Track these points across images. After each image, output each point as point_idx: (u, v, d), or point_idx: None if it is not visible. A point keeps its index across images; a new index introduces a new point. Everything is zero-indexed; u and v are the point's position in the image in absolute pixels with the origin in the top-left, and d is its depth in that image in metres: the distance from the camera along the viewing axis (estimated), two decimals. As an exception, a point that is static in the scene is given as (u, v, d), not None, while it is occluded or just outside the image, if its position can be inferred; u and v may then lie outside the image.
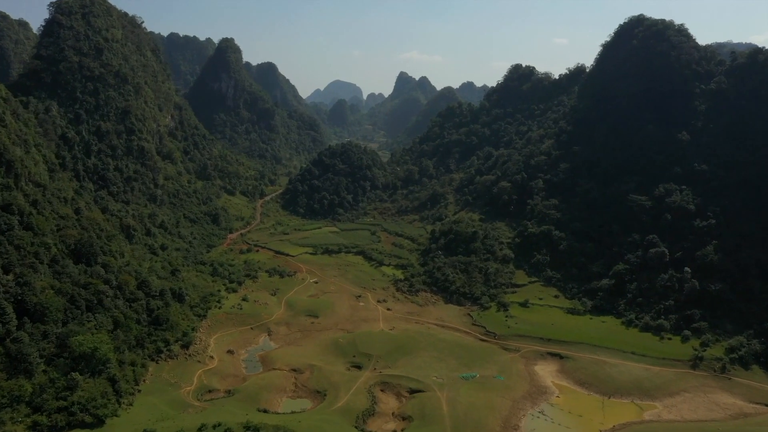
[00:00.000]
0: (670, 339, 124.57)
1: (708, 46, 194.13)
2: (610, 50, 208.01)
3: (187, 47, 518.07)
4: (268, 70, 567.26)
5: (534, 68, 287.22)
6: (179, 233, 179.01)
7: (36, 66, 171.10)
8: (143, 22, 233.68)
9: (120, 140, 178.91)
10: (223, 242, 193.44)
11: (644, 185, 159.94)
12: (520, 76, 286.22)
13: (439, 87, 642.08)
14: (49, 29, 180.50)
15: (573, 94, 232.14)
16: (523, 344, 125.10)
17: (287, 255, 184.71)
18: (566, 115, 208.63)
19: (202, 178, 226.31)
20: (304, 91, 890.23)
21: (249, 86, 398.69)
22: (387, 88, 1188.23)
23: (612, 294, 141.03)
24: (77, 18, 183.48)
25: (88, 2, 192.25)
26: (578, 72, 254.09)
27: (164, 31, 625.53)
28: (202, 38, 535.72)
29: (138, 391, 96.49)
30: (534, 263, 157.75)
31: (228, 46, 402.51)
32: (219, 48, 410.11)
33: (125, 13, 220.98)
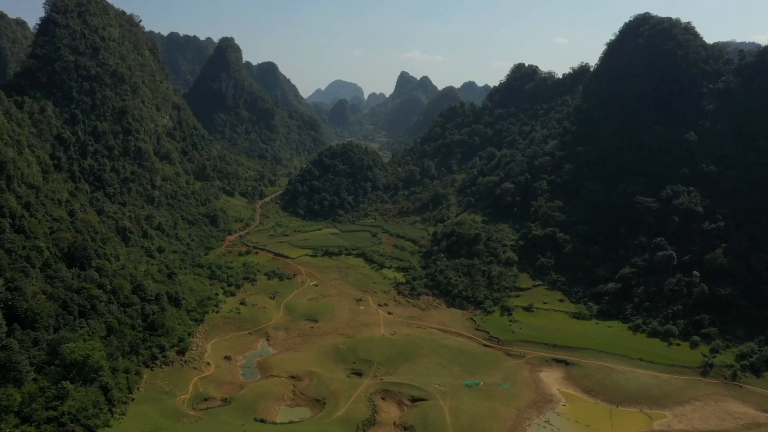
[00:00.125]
0: (679, 345, 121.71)
1: (716, 45, 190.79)
2: (615, 49, 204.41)
3: (187, 47, 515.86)
4: (269, 70, 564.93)
5: (537, 67, 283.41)
6: (177, 235, 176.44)
7: (31, 65, 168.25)
8: (141, 21, 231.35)
9: (117, 141, 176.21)
10: (222, 244, 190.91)
11: (651, 187, 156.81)
12: (523, 76, 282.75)
13: (441, 87, 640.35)
14: (45, 28, 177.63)
15: (577, 94, 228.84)
16: (528, 350, 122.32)
17: (287, 257, 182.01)
18: (570, 115, 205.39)
19: (201, 179, 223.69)
20: (305, 91, 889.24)
21: (249, 86, 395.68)
22: (388, 88, 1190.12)
23: (618, 298, 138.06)
24: (73, 16, 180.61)
25: (85, 0, 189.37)
26: (582, 71, 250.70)
27: (164, 31, 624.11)
28: (203, 38, 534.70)
29: (131, 400, 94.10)
30: (538, 266, 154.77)
31: (228, 46, 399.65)
32: (219, 47, 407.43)
33: (122, 12, 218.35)
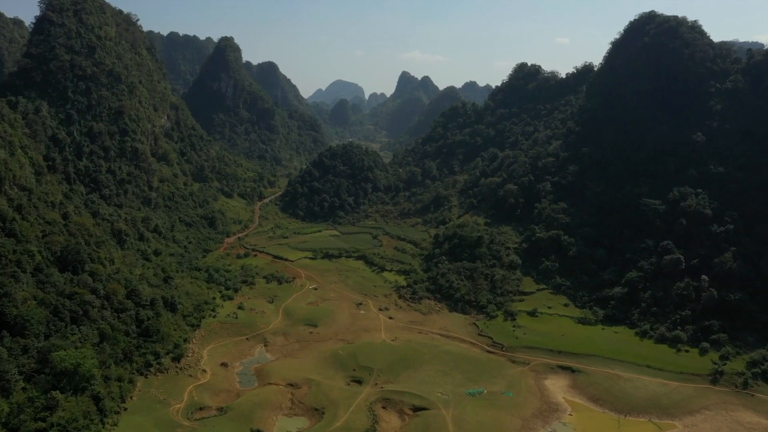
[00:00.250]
0: (688, 351, 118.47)
1: (723, 44, 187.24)
2: (620, 48, 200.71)
3: (187, 46, 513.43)
4: (269, 70, 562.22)
5: (540, 67, 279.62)
6: (174, 237, 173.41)
7: (26, 65, 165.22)
8: (138, 20, 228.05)
9: (113, 141, 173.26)
10: (220, 247, 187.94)
11: (657, 188, 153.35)
12: (526, 75, 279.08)
13: (442, 87, 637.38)
14: (40, 26, 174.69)
15: (581, 94, 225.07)
16: (532, 356, 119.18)
17: (286, 260, 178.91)
18: (574, 115, 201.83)
19: (199, 180, 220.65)
20: (306, 91, 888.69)
21: (249, 86, 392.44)
22: (389, 88, 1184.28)
23: (625, 303, 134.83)
24: (69, 15, 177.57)
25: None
26: (586, 71, 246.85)
27: (164, 31, 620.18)
28: (203, 38, 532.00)
29: (124, 410, 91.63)
30: (542, 270, 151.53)
31: (227, 45, 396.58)
32: (218, 47, 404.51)
33: (120, 11, 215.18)
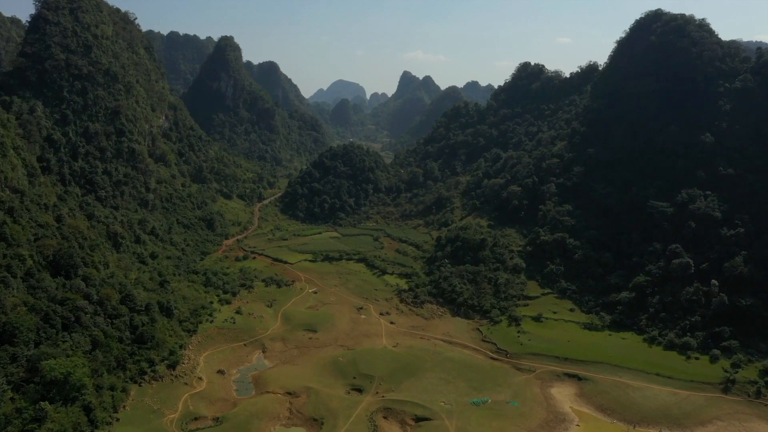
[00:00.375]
0: (698, 359, 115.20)
1: (732, 42, 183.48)
2: (626, 47, 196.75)
3: (187, 46, 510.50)
4: (270, 70, 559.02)
5: (543, 66, 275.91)
6: (171, 240, 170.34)
7: (20, 64, 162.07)
8: (136, 18, 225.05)
9: (109, 142, 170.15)
10: (219, 249, 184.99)
11: (665, 190, 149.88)
12: (529, 75, 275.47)
13: (444, 86, 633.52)
14: (35, 25, 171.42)
15: (585, 94, 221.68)
16: (538, 364, 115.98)
17: (285, 262, 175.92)
18: (579, 115, 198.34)
19: (198, 182, 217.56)
20: (307, 91, 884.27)
21: (249, 85, 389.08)
22: (390, 88, 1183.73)
23: (632, 308, 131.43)
24: (64, 14, 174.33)
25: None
26: (590, 70, 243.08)
27: (164, 30, 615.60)
28: (203, 37, 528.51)
29: (116, 420, 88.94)
30: (547, 274, 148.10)
31: (227, 45, 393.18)
32: (218, 46, 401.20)
33: (117, 9, 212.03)
